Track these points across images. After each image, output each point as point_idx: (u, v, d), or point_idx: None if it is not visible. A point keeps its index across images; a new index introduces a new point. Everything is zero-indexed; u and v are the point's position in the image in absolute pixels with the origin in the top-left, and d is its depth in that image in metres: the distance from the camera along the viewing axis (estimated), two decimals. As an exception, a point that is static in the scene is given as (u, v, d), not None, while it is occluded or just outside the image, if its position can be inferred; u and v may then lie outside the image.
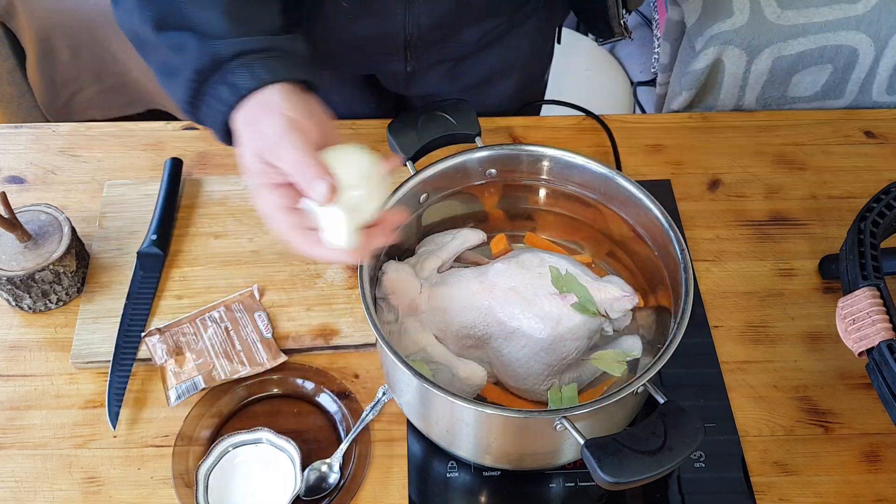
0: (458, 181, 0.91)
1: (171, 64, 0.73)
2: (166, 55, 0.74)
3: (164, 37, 0.73)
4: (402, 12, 0.97)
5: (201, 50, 0.71)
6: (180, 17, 0.73)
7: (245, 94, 0.70)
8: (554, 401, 0.83)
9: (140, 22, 0.74)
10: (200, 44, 0.71)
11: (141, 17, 0.73)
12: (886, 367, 0.74)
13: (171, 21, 0.73)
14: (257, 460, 0.86)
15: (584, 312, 0.82)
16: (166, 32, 0.73)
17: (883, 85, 1.27)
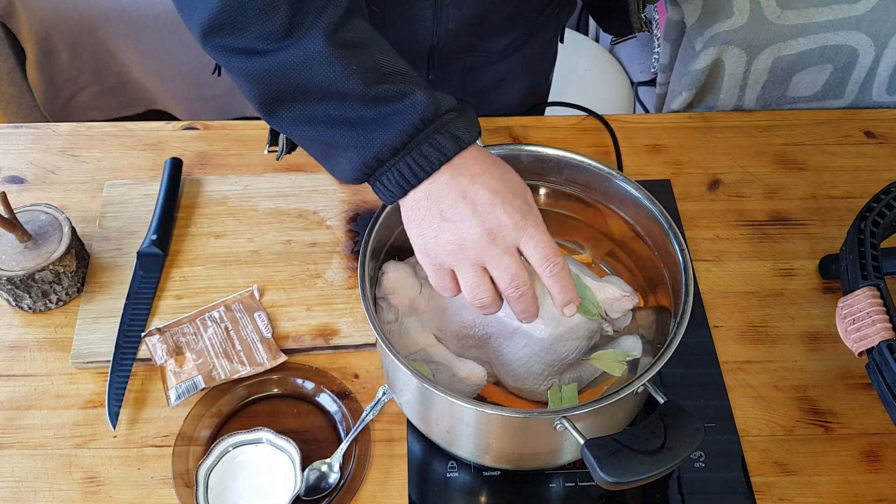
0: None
1: (366, 115, 0.70)
2: (357, 108, 0.70)
3: (376, 89, 0.70)
4: (432, 18, 0.97)
5: (429, 99, 0.70)
6: (379, 69, 0.71)
7: (465, 146, 0.71)
8: (554, 401, 0.83)
9: (340, 74, 0.70)
10: (427, 93, 0.70)
11: (344, 70, 0.70)
12: (886, 367, 0.74)
13: (373, 74, 0.71)
14: (257, 460, 0.86)
15: (585, 314, 0.82)
16: (376, 85, 0.70)
17: (883, 85, 1.27)
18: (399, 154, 0.70)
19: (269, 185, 1.08)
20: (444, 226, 0.71)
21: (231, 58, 0.73)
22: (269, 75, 0.72)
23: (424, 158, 0.70)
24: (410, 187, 0.71)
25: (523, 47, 1.11)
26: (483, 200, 0.70)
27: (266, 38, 0.70)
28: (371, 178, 0.73)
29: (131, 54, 1.92)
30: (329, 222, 1.05)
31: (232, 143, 1.14)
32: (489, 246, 0.70)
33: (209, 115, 1.98)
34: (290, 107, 0.73)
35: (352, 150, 0.72)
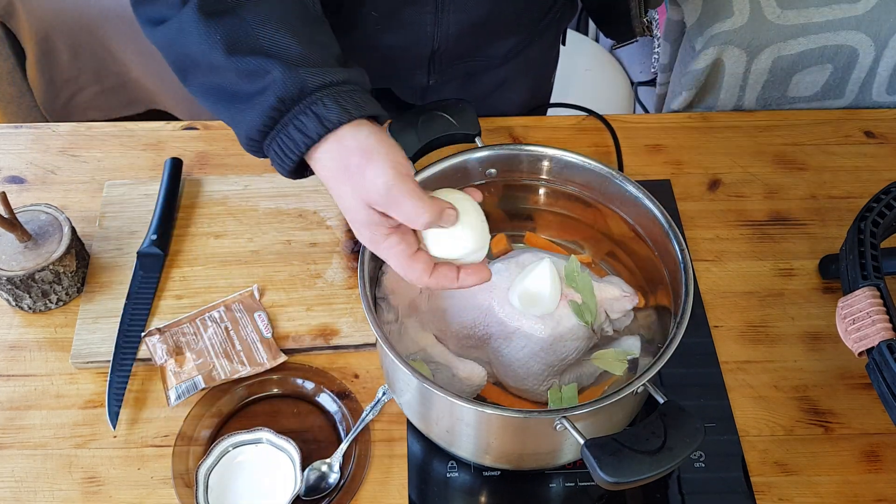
0: (458, 181, 0.90)
1: (241, 89, 0.70)
2: (233, 80, 0.70)
3: (238, 61, 0.69)
4: (433, 23, 0.96)
5: (287, 77, 0.68)
6: (254, 40, 0.70)
7: (332, 127, 0.68)
8: (554, 401, 0.83)
9: (205, 43, 0.70)
10: (287, 71, 0.68)
11: (208, 39, 0.70)
12: (886, 367, 0.74)
13: (244, 45, 0.70)
14: (257, 460, 0.86)
15: (578, 315, 0.82)
16: (240, 56, 0.69)
17: (883, 85, 1.27)
18: (269, 136, 0.70)
19: (269, 184, 1.08)
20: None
21: (145, 28, 0.76)
22: (166, 44, 0.74)
23: (291, 140, 0.69)
24: (289, 165, 0.71)
25: (524, 52, 1.11)
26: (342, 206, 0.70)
27: (167, 6, 0.72)
28: (263, 154, 0.73)
29: (131, 54, 1.92)
30: (329, 222, 1.05)
31: (232, 142, 1.14)
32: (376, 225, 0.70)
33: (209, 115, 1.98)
34: (191, 76, 0.74)
35: (235, 127, 0.73)
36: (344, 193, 0.69)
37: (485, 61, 1.08)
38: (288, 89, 0.68)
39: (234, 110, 0.72)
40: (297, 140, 0.69)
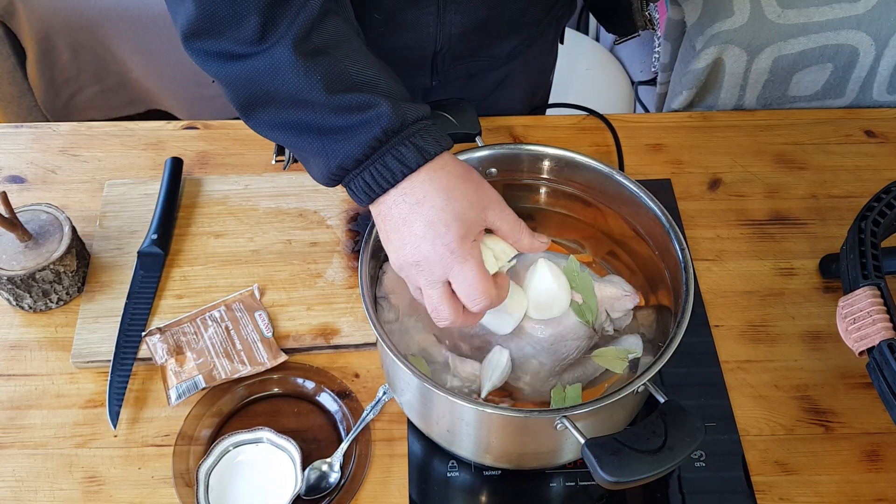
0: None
1: (333, 124, 0.71)
2: (324, 115, 0.72)
3: (339, 98, 0.71)
4: (435, 24, 0.96)
5: (394, 111, 0.70)
6: (348, 78, 0.72)
7: (429, 158, 0.71)
8: (557, 400, 0.83)
9: (304, 82, 0.71)
10: (392, 105, 0.71)
11: (308, 79, 0.71)
12: (887, 366, 0.74)
13: (341, 83, 0.71)
14: (258, 460, 0.86)
15: (579, 315, 0.82)
16: (341, 94, 0.71)
17: (883, 84, 1.27)
18: (363, 165, 0.72)
19: (269, 184, 1.08)
20: (389, 245, 0.74)
21: (209, 61, 0.76)
22: (242, 80, 0.74)
23: (388, 170, 0.71)
24: (376, 196, 0.73)
25: (525, 52, 1.11)
26: (417, 231, 0.71)
27: (240, 42, 0.72)
28: (343, 183, 0.75)
29: (132, 54, 1.92)
30: (329, 222, 1.05)
31: (232, 142, 1.14)
32: (418, 274, 0.73)
33: (209, 114, 1.98)
34: (263, 111, 0.75)
35: (319, 157, 0.73)
36: (466, 190, 0.72)
37: (487, 62, 1.08)
38: (392, 122, 0.70)
39: (322, 141, 0.73)
40: (394, 170, 0.71)
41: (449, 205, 0.71)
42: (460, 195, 0.72)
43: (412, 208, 0.71)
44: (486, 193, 0.74)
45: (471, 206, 0.72)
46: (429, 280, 0.72)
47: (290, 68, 0.71)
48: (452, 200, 0.71)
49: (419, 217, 0.71)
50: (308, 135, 0.74)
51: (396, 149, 0.71)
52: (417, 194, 0.71)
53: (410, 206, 0.71)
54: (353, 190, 0.74)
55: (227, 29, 0.72)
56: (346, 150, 0.72)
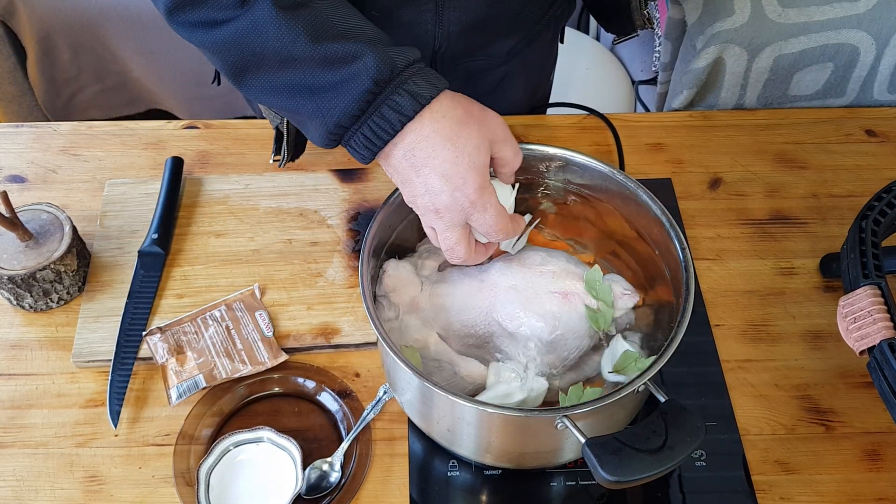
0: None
1: (322, 80, 0.71)
2: (313, 71, 0.71)
3: (325, 48, 0.70)
4: (433, 21, 0.96)
5: (379, 59, 0.70)
6: (332, 27, 0.71)
7: (425, 103, 0.71)
8: (573, 399, 0.82)
9: (286, 36, 0.71)
10: (377, 53, 0.70)
11: (290, 31, 0.71)
12: (887, 365, 0.74)
13: (325, 32, 0.71)
14: (258, 459, 0.86)
15: (592, 322, 0.82)
16: (327, 43, 0.70)
17: (884, 83, 1.27)
18: (360, 120, 0.72)
19: (269, 184, 1.08)
20: (404, 189, 0.76)
21: (195, 32, 0.75)
22: (228, 45, 0.74)
23: (385, 121, 0.71)
24: (377, 149, 0.73)
25: (525, 50, 1.11)
26: (433, 185, 0.73)
27: (222, 7, 0.72)
28: (343, 142, 0.75)
29: (132, 53, 1.92)
30: (330, 221, 1.05)
31: (233, 142, 1.14)
32: (436, 219, 0.75)
33: (210, 114, 1.98)
34: (254, 76, 0.75)
35: (316, 118, 0.73)
36: (470, 135, 0.73)
37: (486, 61, 1.08)
38: (381, 71, 0.70)
39: (315, 101, 0.72)
40: (392, 120, 0.71)
41: (460, 156, 0.72)
42: (466, 141, 0.73)
43: (424, 162, 0.72)
44: (488, 127, 0.75)
45: (478, 150, 0.73)
46: (447, 225, 0.75)
47: (271, 24, 0.71)
48: (461, 150, 0.72)
49: (432, 171, 0.72)
50: (300, 95, 0.73)
51: (391, 98, 0.70)
52: (426, 149, 0.72)
53: (422, 160, 0.72)
54: (353, 147, 0.74)
55: None
56: (341, 107, 0.71)
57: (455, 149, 0.72)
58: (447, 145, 0.72)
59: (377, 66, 0.70)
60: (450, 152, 0.72)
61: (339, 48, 0.70)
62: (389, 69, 0.70)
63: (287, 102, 0.75)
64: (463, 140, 0.73)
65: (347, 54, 0.70)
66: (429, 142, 0.72)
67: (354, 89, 0.70)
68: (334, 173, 1.09)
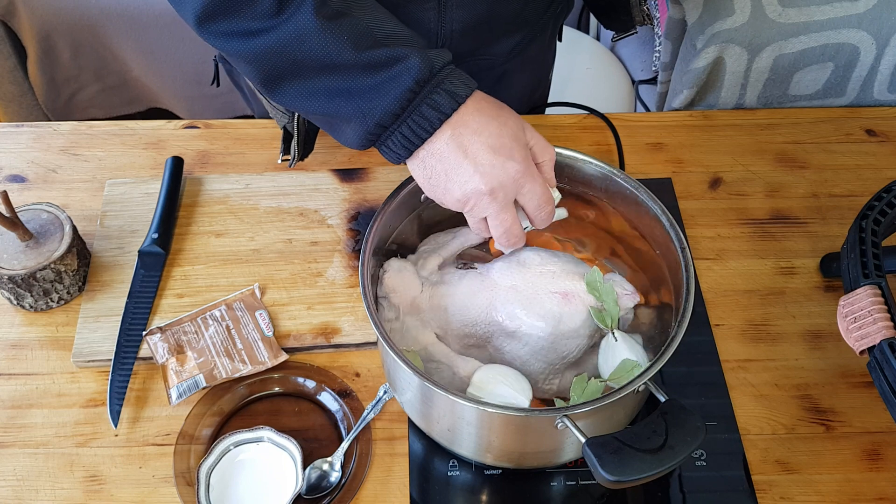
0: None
1: (362, 84, 0.73)
2: (352, 76, 0.73)
3: (368, 55, 0.72)
4: (436, 20, 0.96)
5: (422, 60, 0.72)
6: (372, 35, 0.73)
7: (461, 101, 0.73)
8: (576, 390, 0.81)
9: (331, 45, 0.72)
10: (420, 55, 0.72)
11: (336, 40, 0.72)
12: (888, 365, 0.74)
13: (367, 40, 0.73)
14: (259, 459, 0.86)
15: (599, 321, 0.82)
16: (369, 51, 0.72)
17: (884, 83, 1.27)
18: (400, 118, 0.74)
19: (270, 183, 1.08)
20: (450, 184, 0.75)
21: (228, 41, 0.75)
22: (266, 54, 0.74)
23: (425, 119, 0.73)
24: (415, 147, 0.75)
25: (525, 48, 1.11)
26: (484, 161, 0.74)
27: (258, 17, 0.72)
28: (377, 143, 0.76)
29: (132, 53, 1.92)
30: (330, 221, 1.05)
31: (233, 141, 1.14)
32: (490, 203, 0.75)
33: (210, 113, 1.98)
34: (290, 83, 0.76)
35: (355, 120, 0.74)
36: (509, 115, 0.76)
37: (488, 59, 1.08)
38: (422, 71, 0.72)
39: (355, 103, 0.74)
40: (431, 118, 0.73)
41: (504, 129, 0.75)
42: (508, 117, 0.76)
43: (471, 140, 0.73)
44: (518, 117, 0.78)
45: (520, 128, 0.76)
46: (502, 204, 0.76)
47: (316, 33, 0.72)
48: (504, 124, 0.75)
49: (482, 146, 0.73)
50: (339, 99, 0.74)
51: (430, 97, 0.73)
52: (472, 126, 0.74)
53: (470, 139, 0.73)
54: (390, 147, 0.75)
55: (242, 6, 0.72)
56: (382, 107, 0.73)
57: (499, 123, 0.74)
58: (491, 121, 0.74)
59: (419, 66, 0.72)
60: (495, 126, 0.74)
61: (382, 53, 0.72)
62: (429, 69, 0.72)
63: (325, 106, 0.76)
64: (504, 117, 0.75)
65: (391, 58, 0.72)
66: (473, 120, 0.74)
67: (396, 89, 0.72)
68: (334, 173, 1.09)
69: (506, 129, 0.75)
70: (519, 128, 0.76)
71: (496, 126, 0.74)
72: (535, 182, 0.76)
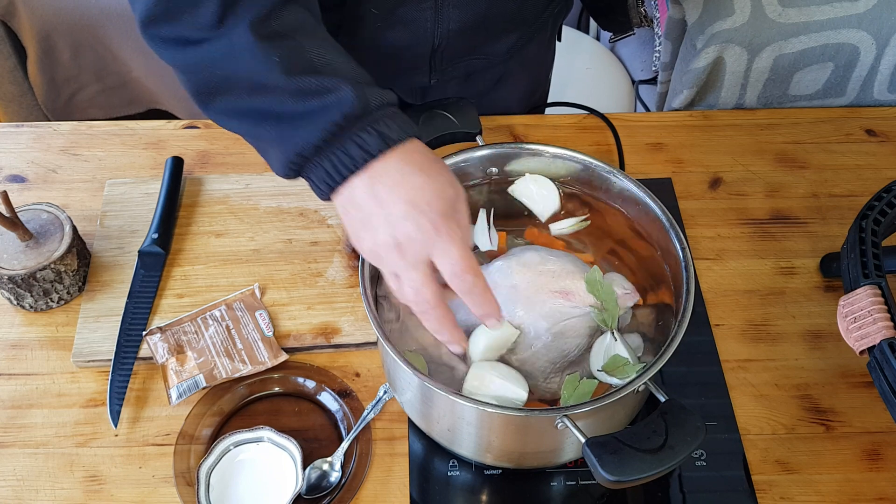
0: (460, 179, 0.90)
1: (290, 109, 0.69)
2: (281, 101, 0.69)
3: (298, 80, 0.69)
4: (433, 19, 0.96)
5: (356, 95, 0.68)
6: (309, 61, 0.70)
7: (392, 145, 0.68)
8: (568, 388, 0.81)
9: (261, 65, 0.69)
10: (355, 88, 0.68)
11: (265, 61, 0.69)
12: (888, 365, 0.74)
13: (300, 65, 0.70)
14: (259, 459, 0.86)
15: (600, 321, 0.82)
16: (300, 77, 0.69)
17: (884, 83, 1.27)
18: (322, 152, 0.69)
19: (270, 183, 1.08)
20: (363, 233, 0.71)
21: (166, 48, 0.74)
22: (199, 66, 0.73)
23: (348, 156, 0.69)
24: (335, 185, 0.70)
25: (524, 49, 1.11)
26: (396, 212, 0.68)
27: (197, 27, 0.71)
28: (302, 174, 0.72)
29: (132, 53, 1.92)
30: (330, 221, 1.05)
31: (233, 141, 1.14)
32: (398, 258, 0.70)
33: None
34: (221, 99, 0.74)
35: (277, 146, 0.71)
36: (441, 170, 0.71)
37: (485, 59, 1.08)
38: (354, 107, 0.68)
39: (280, 128, 0.70)
40: (355, 157, 0.68)
41: (429, 183, 0.69)
42: (437, 173, 0.70)
43: (390, 190, 0.68)
44: (454, 180, 0.72)
45: (450, 184, 0.71)
46: (410, 262, 0.69)
47: (247, 50, 0.70)
48: (432, 179, 0.69)
49: (398, 198, 0.68)
50: (266, 123, 0.71)
51: (358, 135, 0.68)
52: (394, 176, 0.69)
53: (388, 189, 0.68)
54: (313, 181, 0.71)
55: (184, 13, 0.71)
56: (305, 137, 0.69)
57: (424, 175, 0.69)
58: (416, 172, 0.69)
59: (352, 100, 0.68)
60: (418, 178, 0.69)
61: (313, 81, 0.69)
62: (363, 106, 0.68)
63: (250, 128, 0.74)
64: (435, 171, 0.70)
65: (322, 88, 0.69)
66: (397, 168, 0.69)
67: (322, 120, 0.68)
68: (334, 173, 1.09)
69: (430, 185, 0.69)
70: (449, 187, 0.71)
71: (420, 180, 0.69)
72: (452, 244, 0.69)
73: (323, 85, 0.69)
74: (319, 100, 0.68)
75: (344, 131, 0.69)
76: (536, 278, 0.83)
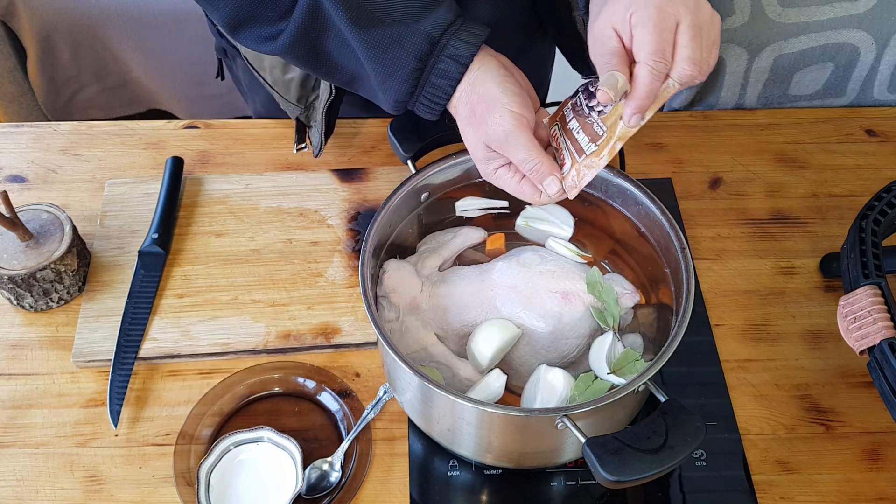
0: (460, 179, 0.90)
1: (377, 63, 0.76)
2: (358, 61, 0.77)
3: (369, 34, 0.75)
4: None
5: (417, 36, 0.75)
6: (368, 12, 0.75)
7: (468, 62, 0.76)
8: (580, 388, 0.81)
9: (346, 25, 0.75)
10: (412, 31, 0.75)
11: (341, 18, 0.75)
12: (888, 365, 0.74)
13: (364, 19, 0.75)
14: (259, 459, 0.86)
15: (600, 320, 0.82)
16: (369, 30, 0.75)
17: (884, 83, 1.27)
18: (415, 94, 0.78)
19: (270, 183, 1.08)
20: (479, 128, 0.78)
21: (262, 46, 0.80)
22: (293, 47, 0.79)
23: (438, 88, 0.77)
24: (440, 108, 0.78)
25: (525, 50, 1.11)
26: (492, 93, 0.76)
27: (272, 20, 0.78)
28: (410, 107, 0.80)
29: (132, 53, 1.92)
30: (330, 221, 1.05)
31: (233, 141, 1.14)
32: (518, 133, 0.76)
33: (210, 114, 1.98)
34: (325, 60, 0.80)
35: (378, 98, 0.80)
36: (468, 134, 0.79)
37: None
38: (421, 46, 0.75)
39: (370, 89, 0.80)
40: (441, 88, 0.77)
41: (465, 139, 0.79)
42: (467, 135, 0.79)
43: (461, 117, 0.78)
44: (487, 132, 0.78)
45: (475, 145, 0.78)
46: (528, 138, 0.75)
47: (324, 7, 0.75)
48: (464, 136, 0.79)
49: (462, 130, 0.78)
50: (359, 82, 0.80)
51: (438, 68, 0.76)
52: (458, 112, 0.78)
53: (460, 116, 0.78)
54: (419, 112, 0.80)
55: (266, 9, 0.77)
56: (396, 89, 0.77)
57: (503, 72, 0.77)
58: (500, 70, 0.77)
59: (416, 43, 0.74)
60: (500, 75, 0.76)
61: (379, 33, 0.75)
62: (428, 43, 0.75)
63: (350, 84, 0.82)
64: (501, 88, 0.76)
65: (391, 38, 0.75)
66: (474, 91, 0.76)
67: (404, 70, 0.76)
68: (334, 173, 1.09)
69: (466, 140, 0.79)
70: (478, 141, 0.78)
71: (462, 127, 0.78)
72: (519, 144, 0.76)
73: (390, 35, 0.75)
74: (391, 51, 0.75)
75: (422, 72, 0.76)
76: (536, 278, 0.84)
